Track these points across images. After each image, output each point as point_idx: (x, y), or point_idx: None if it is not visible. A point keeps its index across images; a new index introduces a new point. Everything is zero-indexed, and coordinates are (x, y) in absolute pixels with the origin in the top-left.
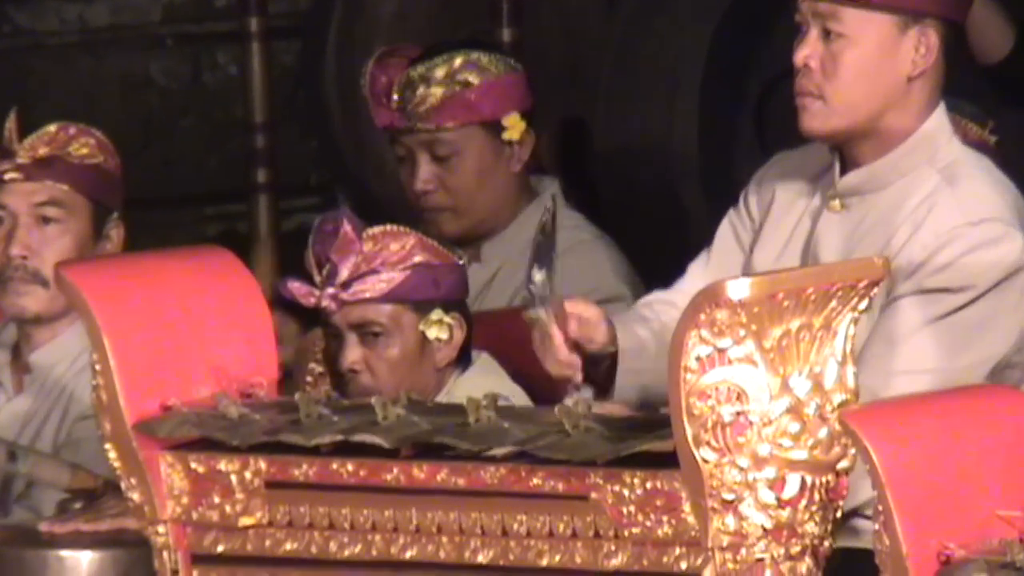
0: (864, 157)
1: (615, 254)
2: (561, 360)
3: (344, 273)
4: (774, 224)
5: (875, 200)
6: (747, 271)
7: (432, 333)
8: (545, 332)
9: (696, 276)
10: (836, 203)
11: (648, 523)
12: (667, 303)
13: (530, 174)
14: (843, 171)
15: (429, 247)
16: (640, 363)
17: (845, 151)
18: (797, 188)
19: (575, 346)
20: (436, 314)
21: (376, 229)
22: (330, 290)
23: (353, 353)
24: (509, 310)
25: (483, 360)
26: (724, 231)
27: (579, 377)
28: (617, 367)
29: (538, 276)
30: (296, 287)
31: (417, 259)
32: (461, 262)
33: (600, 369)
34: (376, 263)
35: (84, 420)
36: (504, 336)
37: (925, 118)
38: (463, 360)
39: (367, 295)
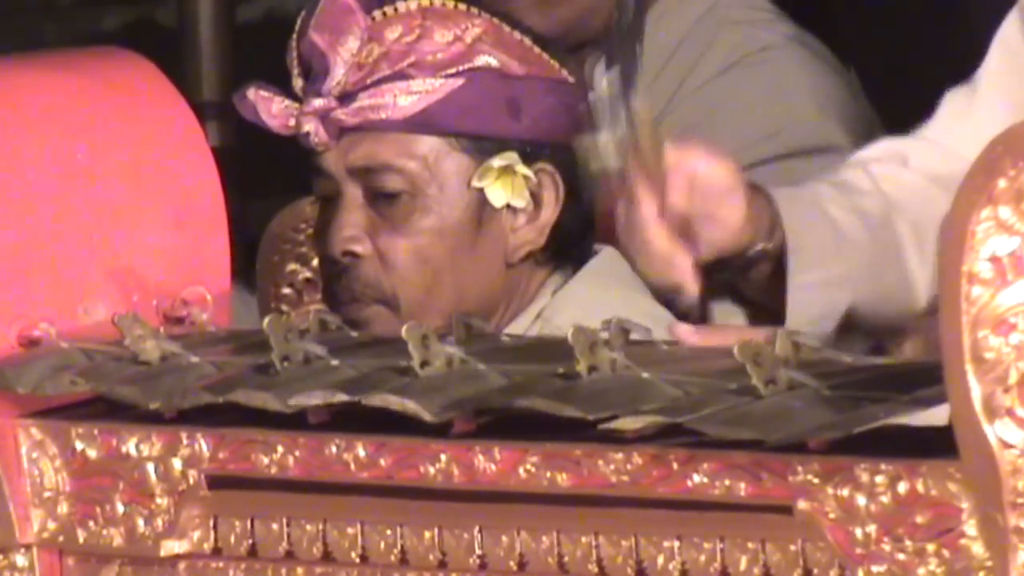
0: None
1: (828, 76)
2: (655, 252)
3: (339, 73)
4: None
5: None
6: None
7: (497, 195)
8: (628, 199)
9: (957, 117)
10: None
11: (901, 555)
12: (898, 160)
13: None
14: None
15: (510, 42)
16: (832, 270)
17: None
18: None
19: (684, 230)
20: (502, 159)
21: (412, 3)
22: (316, 102)
23: (352, 220)
24: None
25: (605, 259)
26: (1008, 38)
27: (692, 289)
28: (786, 277)
29: (604, 81)
30: (262, 98)
31: (482, 61)
32: (572, 79)
33: (750, 280)
34: (404, 62)
35: None
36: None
37: None
38: (569, 258)
39: (382, 116)
